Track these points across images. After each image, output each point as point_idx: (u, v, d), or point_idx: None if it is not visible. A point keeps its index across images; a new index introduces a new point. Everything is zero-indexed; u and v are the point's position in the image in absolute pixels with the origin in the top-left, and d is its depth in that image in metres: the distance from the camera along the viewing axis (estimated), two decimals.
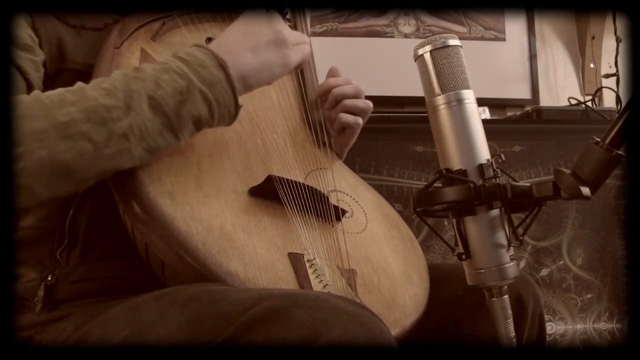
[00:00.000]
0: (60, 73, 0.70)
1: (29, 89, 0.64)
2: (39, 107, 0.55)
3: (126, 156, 0.58)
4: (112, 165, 0.58)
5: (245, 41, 0.67)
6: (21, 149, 0.52)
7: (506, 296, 0.60)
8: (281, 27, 0.69)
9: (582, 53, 2.11)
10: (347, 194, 0.81)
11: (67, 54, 0.71)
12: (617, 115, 0.56)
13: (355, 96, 0.84)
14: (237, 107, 0.65)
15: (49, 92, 0.57)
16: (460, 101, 0.61)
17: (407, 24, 2.00)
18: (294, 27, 0.93)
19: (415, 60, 0.64)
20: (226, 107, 0.64)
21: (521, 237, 0.60)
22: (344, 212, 0.75)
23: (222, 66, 0.63)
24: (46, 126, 0.54)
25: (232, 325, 0.48)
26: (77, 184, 0.57)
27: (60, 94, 0.57)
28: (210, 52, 0.63)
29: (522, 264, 1.56)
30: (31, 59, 0.65)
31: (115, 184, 0.64)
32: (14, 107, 0.54)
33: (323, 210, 0.72)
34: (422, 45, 0.62)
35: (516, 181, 0.59)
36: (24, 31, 0.66)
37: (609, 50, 2.02)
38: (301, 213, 0.70)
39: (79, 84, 0.59)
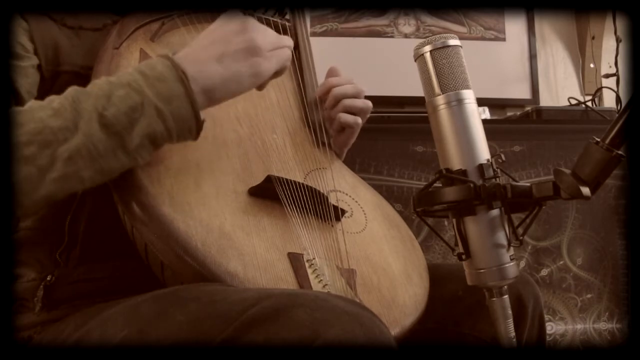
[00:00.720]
0: (57, 75, 0.70)
1: (16, 97, 0.64)
2: None
3: (74, 180, 0.55)
4: (59, 189, 0.55)
5: (212, 50, 0.62)
6: None
7: (506, 296, 0.60)
8: (254, 33, 0.64)
9: (582, 53, 2.11)
10: (346, 194, 0.81)
11: (63, 56, 0.71)
12: (617, 115, 0.56)
13: (355, 96, 0.84)
14: (199, 122, 0.60)
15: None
16: (460, 101, 0.61)
17: (407, 24, 2.00)
18: (294, 27, 0.93)
19: (415, 60, 0.64)
20: (185, 122, 0.59)
21: (521, 237, 0.60)
22: (343, 212, 0.75)
23: (182, 79, 0.58)
24: None
25: (231, 325, 0.48)
26: (23, 208, 0.55)
27: (10, 114, 0.55)
28: (171, 64, 0.59)
29: (522, 264, 1.56)
30: (18, 66, 0.65)
31: (114, 184, 0.63)
32: None
33: (322, 210, 0.72)
34: (422, 45, 0.62)
35: (516, 181, 0.59)
36: (13, 39, 0.65)
37: (609, 50, 2.02)
38: (301, 213, 0.70)
39: (31, 102, 0.57)
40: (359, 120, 0.85)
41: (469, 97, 0.61)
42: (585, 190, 0.55)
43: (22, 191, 0.53)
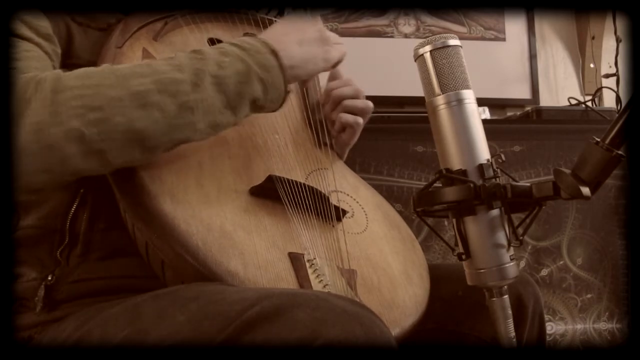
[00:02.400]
0: (66, 68, 0.70)
1: None
2: (114, 76, 0.57)
3: (192, 128, 0.61)
4: (181, 136, 0.61)
5: (292, 35, 0.71)
6: (99, 115, 0.55)
7: (506, 296, 0.60)
8: (323, 27, 0.76)
9: (582, 53, 2.11)
10: (347, 194, 0.81)
11: (75, 49, 0.71)
12: (617, 115, 0.56)
13: (354, 97, 0.85)
14: (287, 92, 0.69)
15: (119, 65, 0.60)
16: (460, 101, 0.61)
17: (407, 24, 2.00)
18: None
19: (415, 60, 0.64)
20: (278, 91, 0.67)
21: (521, 237, 0.60)
22: (344, 212, 0.75)
23: (275, 53, 0.66)
24: (123, 94, 0.56)
25: (231, 325, 0.48)
26: (148, 152, 0.60)
27: (131, 67, 0.60)
28: (262, 40, 0.67)
29: (522, 264, 1.56)
30: (54, 50, 0.67)
31: (116, 183, 0.64)
32: (89, 74, 0.57)
33: (323, 210, 0.72)
34: (422, 45, 0.62)
35: (516, 181, 0.59)
36: (45, 22, 0.67)
37: (609, 50, 2.02)
38: (302, 213, 0.70)
39: (145, 60, 0.63)
40: (360, 120, 0.85)
41: (469, 97, 0.61)
42: (585, 190, 0.55)
43: (149, 134, 0.58)
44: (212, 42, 0.82)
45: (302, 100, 0.88)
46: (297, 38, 0.71)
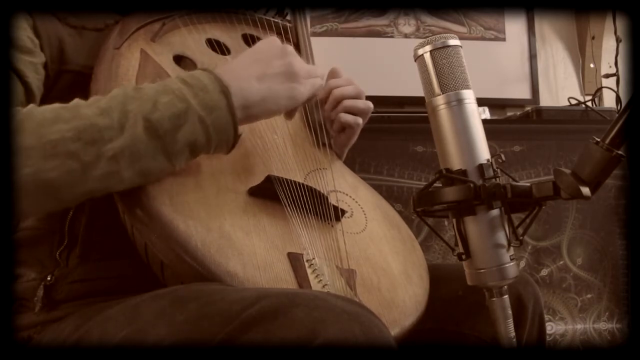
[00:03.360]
0: (61, 74, 0.70)
1: (27, 92, 0.64)
2: (30, 123, 0.54)
3: (115, 179, 0.57)
4: (99, 187, 0.57)
5: (253, 69, 0.65)
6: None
7: (506, 296, 0.60)
8: (293, 59, 0.68)
9: (582, 53, 2.11)
10: (346, 194, 0.81)
11: (67, 55, 0.71)
12: (617, 115, 0.56)
13: (356, 97, 0.84)
14: (236, 135, 0.63)
15: (44, 107, 0.57)
16: (460, 101, 0.61)
17: (407, 24, 2.00)
18: (295, 27, 0.93)
19: (415, 60, 0.64)
20: (224, 134, 0.61)
21: (521, 237, 0.60)
22: (343, 212, 0.75)
23: (224, 92, 0.61)
24: (34, 143, 0.53)
25: (230, 325, 0.48)
26: (62, 202, 0.57)
27: (55, 110, 0.56)
28: (214, 76, 0.61)
29: (522, 264, 1.56)
30: (30, 62, 0.65)
31: None
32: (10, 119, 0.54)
33: (322, 210, 0.72)
34: (422, 45, 0.62)
35: (516, 181, 0.59)
36: (24, 33, 0.65)
37: (609, 50, 2.02)
38: (300, 213, 0.70)
39: (76, 100, 0.58)
40: (360, 120, 0.85)
41: (469, 97, 0.61)
42: (585, 190, 0.55)
43: (64, 185, 0.54)
44: (211, 42, 0.82)
45: None
46: (258, 73, 0.65)
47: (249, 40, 0.88)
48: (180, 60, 0.78)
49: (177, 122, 0.58)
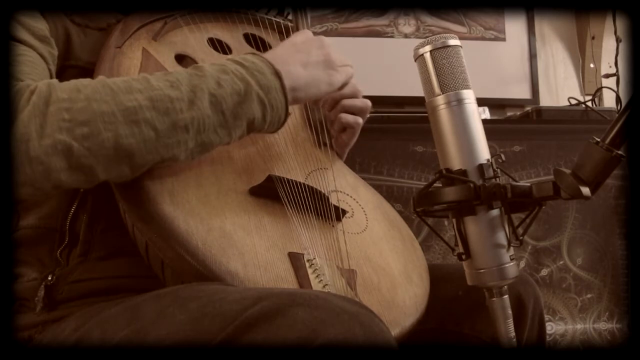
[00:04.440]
0: (64, 70, 0.70)
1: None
2: (106, 90, 0.56)
3: (183, 148, 0.59)
4: (169, 155, 0.59)
5: (297, 56, 0.70)
6: (87, 129, 0.54)
7: (506, 296, 0.60)
8: (329, 49, 0.73)
9: (582, 53, 2.11)
10: (347, 194, 0.81)
11: (73, 50, 0.71)
12: (617, 115, 0.56)
13: (353, 96, 0.84)
14: (287, 114, 0.67)
15: (114, 78, 0.59)
16: (460, 101, 0.61)
17: (407, 24, 2.00)
18: (296, 28, 0.93)
19: (415, 60, 0.64)
20: (278, 113, 0.65)
21: (521, 237, 0.60)
22: (344, 212, 0.75)
23: (278, 74, 0.65)
24: (114, 109, 0.55)
25: (231, 325, 0.48)
26: (135, 168, 0.58)
27: (126, 80, 0.58)
28: (266, 60, 0.65)
29: (522, 264, 1.56)
30: (49, 51, 0.66)
31: (116, 183, 0.64)
32: (80, 87, 0.55)
33: (323, 210, 0.72)
34: (422, 45, 0.62)
35: (516, 181, 0.59)
36: (42, 23, 0.66)
37: (609, 50, 2.02)
38: (301, 213, 0.70)
39: (142, 74, 0.61)
40: (360, 120, 0.85)
41: (469, 97, 0.61)
42: (585, 190, 0.55)
43: (137, 151, 0.57)
44: (212, 41, 0.82)
45: None
46: (301, 60, 0.70)
47: (250, 40, 0.88)
48: (181, 59, 0.78)
49: (238, 99, 0.62)
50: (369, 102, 0.85)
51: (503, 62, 2.02)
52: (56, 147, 0.53)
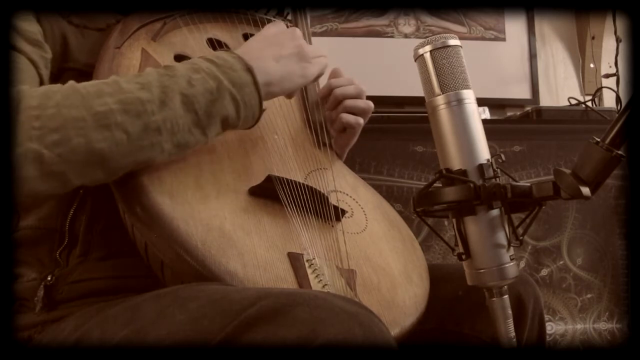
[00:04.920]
0: (62, 72, 0.70)
1: (41, 83, 0.64)
2: (76, 96, 0.56)
3: (157, 150, 0.59)
4: (144, 158, 0.59)
5: (269, 51, 0.70)
6: (58, 136, 0.53)
7: (506, 296, 0.60)
8: (302, 41, 0.73)
9: (582, 53, 2.11)
10: (347, 194, 0.81)
11: (71, 53, 0.71)
12: (617, 115, 0.56)
13: (357, 96, 0.85)
14: (261, 110, 0.67)
15: (84, 83, 0.58)
16: (460, 101, 0.61)
17: (407, 24, 2.00)
18: (295, 27, 0.93)
19: (415, 60, 0.64)
20: (252, 109, 0.66)
21: (521, 237, 0.60)
22: (343, 212, 0.75)
23: (249, 70, 0.65)
24: (84, 115, 0.55)
25: (230, 324, 0.48)
26: (109, 173, 0.58)
27: (96, 85, 0.58)
28: (237, 56, 0.65)
29: (522, 264, 1.56)
30: (42, 55, 0.66)
31: (115, 183, 0.63)
32: (50, 94, 0.55)
33: (323, 210, 0.72)
34: (422, 45, 0.62)
35: (516, 181, 0.59)
36: (34, 26, 0.66)
37: (609, 50, 2.02)
38: (301, 213, 0.70)
39: (113, 77, 0.60)
40: (361, 120, 0.85)
41: (469, 97, 0.61)
42: (585, 190, 0.55)
43: (111, 156, 0.56)
44: (212, 42, 0.82)
45: (301, 100, 0.88)
46: (274, 54, 0.70)
47: None
48: (181, 59, 0.78)
49: (210, 97, 0.62)
50: (371, 104, 0.86)
51: (503, 62, 2.02)
52: (27, 156, 0.52)
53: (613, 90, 1.91)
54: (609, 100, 2.02)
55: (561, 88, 2.10)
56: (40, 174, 0.53)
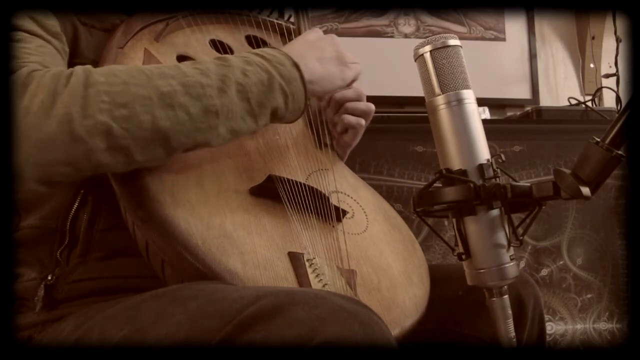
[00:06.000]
0: (71, 67, 0.70)
1: None
2: (141, 76, 0.58)
3: (214, 133, 0.62)
4: (203, 139, 0.61)
5: (312, 52, 0.73)
6: (126, 111, 0.55)
7: (506, 296, 0.60)
8: (340, 47, 0.77)
9: (582, 53, 2.11)
10: (348, 195, 0.81)
11: (80, 48, 0.71)
12: (617, 115, 0.56)
13: (357, 99, 0.85)
14: (307, 105, 0.70)
15: (146, 65, 0.61)
16: (460, 101, 0.61)
17: (407, 24, 2.00)
18: (298, 29, 0.93)
19: (415, 60, 0.64)
20: (298, 103, 0.68)
21: (521, 237, 0.60)
22: (344, 212, 0.75)
23: (297, 66, 0.68)
24: (150, 93, 0.57)
25: (230, 323, 0.48)
26: (170, 151, 0.60)
27: (159, 67, 0.60)
28: (285, 53, 0.68)
29: (522, 264, 1.56)
30: (63, 48, 0.67)
31: (116, 182, 0.64)
32: (116, 72, 0.57)
33: (323, 210, 0.72)
34: (422, 45, 0.62)
35: (516, 181, 0.59)
36: (53, 20, 0.67)
37: (609, 50, 2.02)
38: (301, 213, 0.70)
39: (173, 63, 0.62)
40: (362, 121, 0.85)
41: (469, 97, 0.61)
42: (585, 190, 0.55)
43: (173, 134, 0.58)
44: (214, 43, 0.82)
45: None
46: (316, 55, 0.73)
47: (252, 42, 0.88)
48: (183, 60, 0.78)
49: (263, 88, 0.64)
50: (372, 106, 0.86)
51: (503, 62, 2.02)
52: (97, 128, 0.54)
53: (613, 90, 1.91)
54: (609, 100, 2.02)
55: (561, 88, 2.10)
56: (107, 147, 0.55)
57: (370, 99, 0.87)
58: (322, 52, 0.74)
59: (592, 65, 2.07)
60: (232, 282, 0.58)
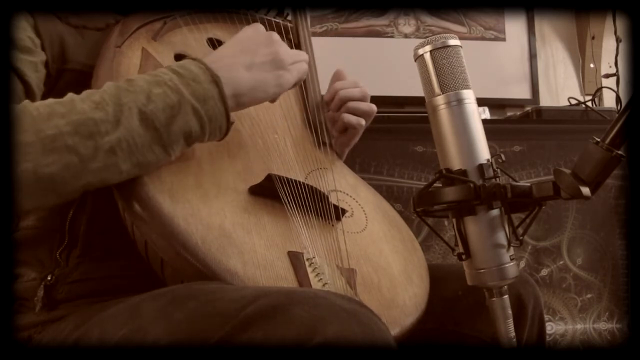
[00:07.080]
0: (62, 73, 0.70)
1: (28, 91, 0.64)
2: (26, 119, 0.54)
3: (113, 170, 0.57)
4: (97, 179, 0.57)
5: (241, 58, 0.66)
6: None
7: (506, 296, 0.60)
8: (278, 47, 0.69)
9: (582, 53, 2.11)
10: (347, 194, 0.81)
11: (69, 54, 0.71)
12: (617, 115, 0.56)
13: (361, 99, 0.85)
14: (229, 123, 0.64)
15: (39, 103, 0.57)
16: (460, 101, 0.61)
17: (407, 24, 2.00)
18: (295, 28, 0.93)
19: (415, 60, 0.64)
20: (217, 122, 0.63)
21: (521, 237, 0.60)
22: (344, 211, 0.75)
23: (216, 81, 0.62)
24: (33, 139, 0.54)
25: (229, 323, 0.48)
26: (61, 196, 0.57)
27: (50, 105, 0.57)
28: (204, 67, 0.62)
29: (522, 264, 1.56)
30: (31, 61, 0.65)
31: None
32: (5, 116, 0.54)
33: (323, 209, 0.72)
34: (422, 45, 0.62)
35: (516, 181, 0.59)
36: (24, 33, 0.65)
37: (609, 50, 2.02)
38: (301, 212, 0.70)
39: (70, 95, 0.59)
40: (362, 121, 0.85)
41: (469, 97, 0.61)
42: (585, 190, 0.55)
43: (63, 179, 0.55)
44: (212, 41, 0.82)
45: (301, 100, 0.88)
46: (245, 63, 0.66)
47: None
48: (181, 58, 0.78)
49: (171, 112, 0.59)
50: (374, 107, 0.86)
51: (503, 62, 2.02)
52: None
53: (613, 90, 1.91)
54: (609, 100, 2.02)
55: (561, 88, 2.10)
56: None
57: (370, 99, 0.87)
58: (253, 57, 0.67)
59: (592, 65, 2.07)
60: (232, 282, 0.58)
